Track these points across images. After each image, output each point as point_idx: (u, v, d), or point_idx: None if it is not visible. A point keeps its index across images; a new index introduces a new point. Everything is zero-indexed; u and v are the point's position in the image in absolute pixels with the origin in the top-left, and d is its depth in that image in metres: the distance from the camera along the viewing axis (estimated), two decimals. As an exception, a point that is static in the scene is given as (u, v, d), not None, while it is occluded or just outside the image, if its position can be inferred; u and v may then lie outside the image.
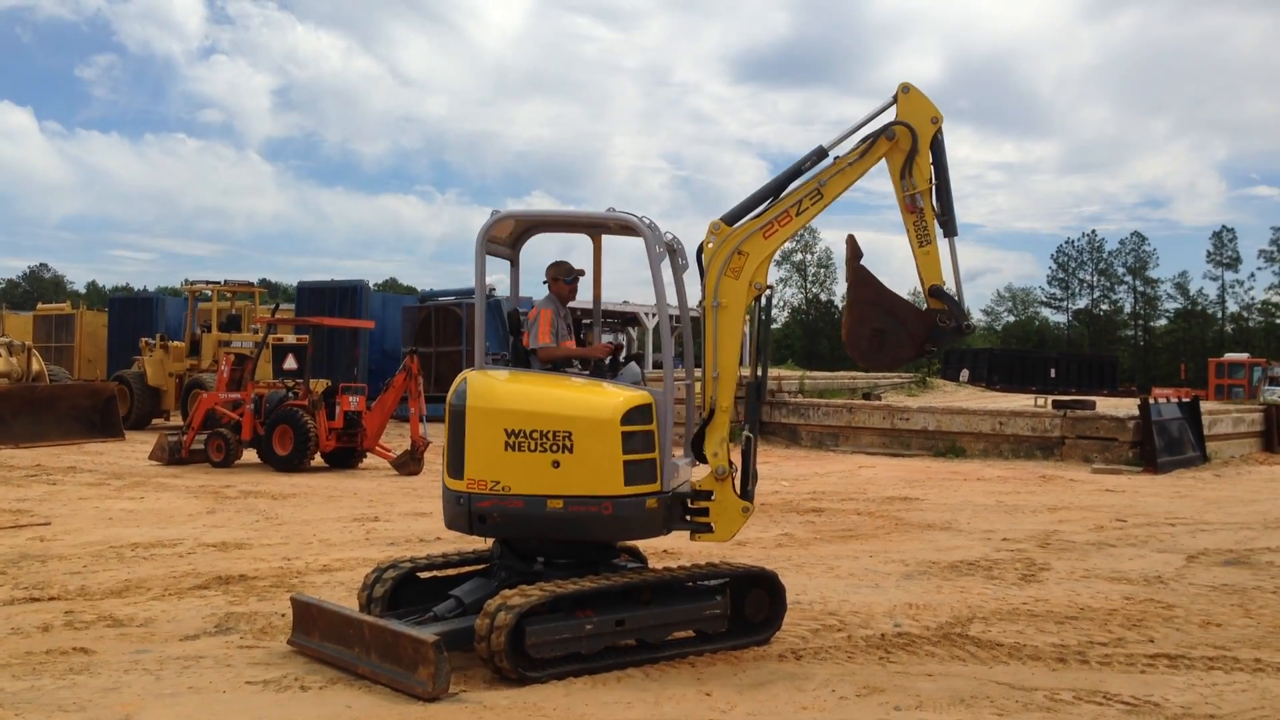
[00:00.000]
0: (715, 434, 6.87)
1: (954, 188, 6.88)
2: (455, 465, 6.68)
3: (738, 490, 6.92)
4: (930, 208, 6.72)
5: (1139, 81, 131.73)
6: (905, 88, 6.76)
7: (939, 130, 6.77)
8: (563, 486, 6.47)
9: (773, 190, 6.88)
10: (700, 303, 7.00)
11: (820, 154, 6.85)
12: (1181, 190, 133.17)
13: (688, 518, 6.87)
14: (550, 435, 6.48)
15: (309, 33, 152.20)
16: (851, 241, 7.01)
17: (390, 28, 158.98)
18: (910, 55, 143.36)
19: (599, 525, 6.53)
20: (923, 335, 6.84)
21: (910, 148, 6.71)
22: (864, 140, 6.82)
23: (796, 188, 6.87)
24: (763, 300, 6.99)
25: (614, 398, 6.64)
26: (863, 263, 7.00)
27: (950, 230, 6.79)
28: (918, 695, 6.05)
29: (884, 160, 6.83)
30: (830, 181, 6.82)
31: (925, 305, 6.91)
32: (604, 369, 7.33)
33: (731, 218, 6.88)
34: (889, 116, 6.82)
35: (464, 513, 6.62)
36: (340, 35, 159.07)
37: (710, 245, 6.87)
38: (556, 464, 6.47)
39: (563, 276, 7.56)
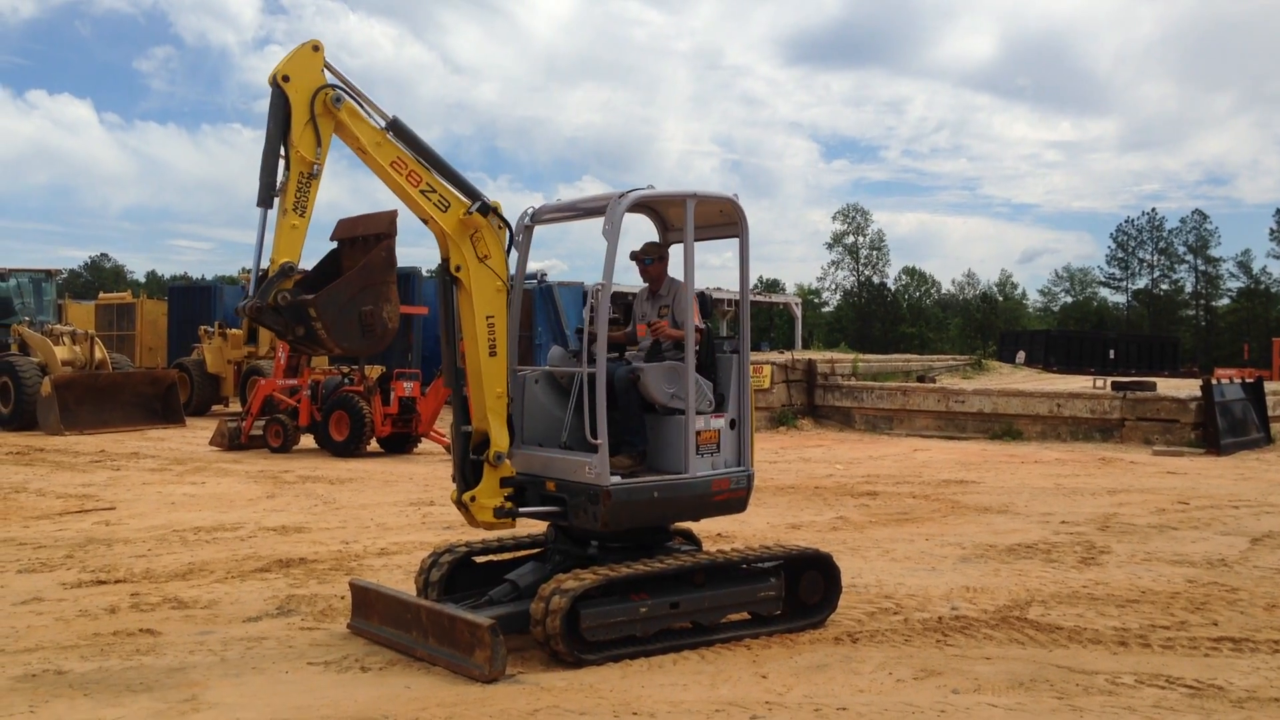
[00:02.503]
0: None
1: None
2: None
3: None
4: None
5: (1201, 56, 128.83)
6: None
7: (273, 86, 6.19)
8: None
9: None
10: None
11: None
12: (1244, 167, 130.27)
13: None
14: None
15: (361, 21, 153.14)
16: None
17: (441, 15, 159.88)
18: (965, 33, 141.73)
19: None
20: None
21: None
22: None
23: None
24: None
25: None
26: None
27: (258, 199, 6.18)
28: (976, 678, 6.01)
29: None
30: None
31: None
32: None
33: None
34: None
35: None
36: (392, 24, 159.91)
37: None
38: None
39: (638, 257, 7.58)
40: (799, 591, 7.07)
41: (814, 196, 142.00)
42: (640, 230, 7.91)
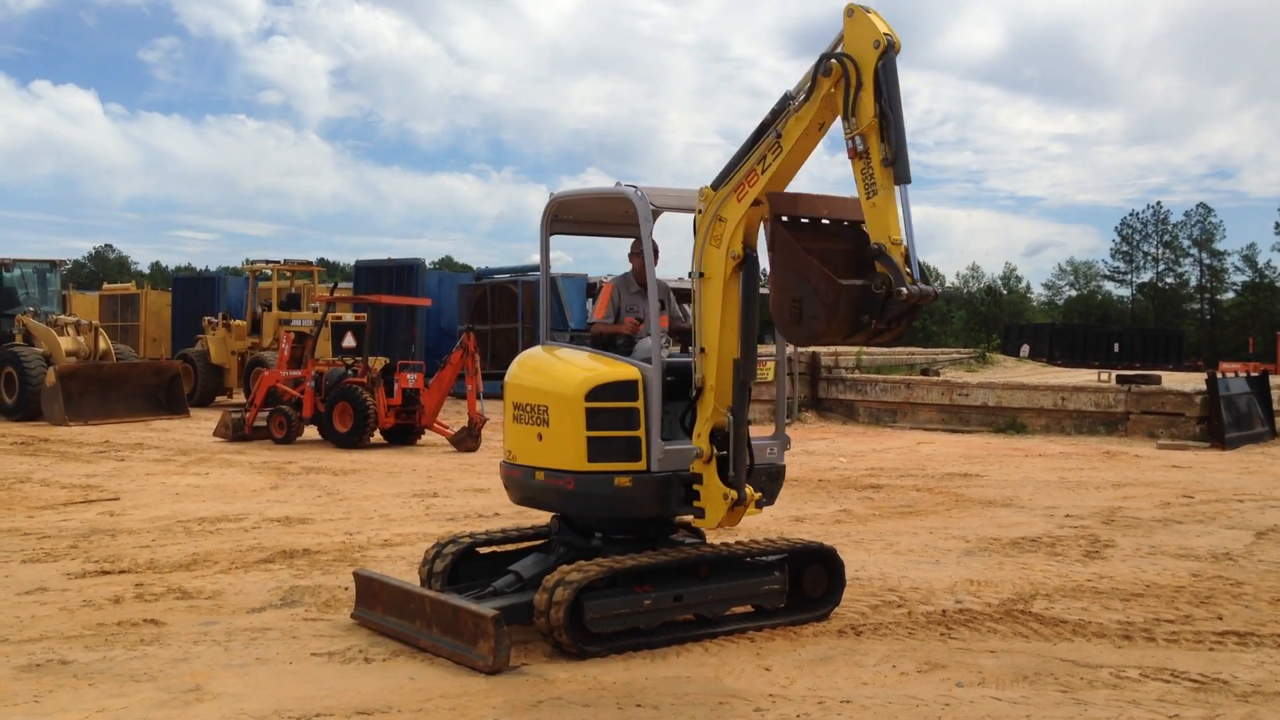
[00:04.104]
0: (700, 414, 6.32)
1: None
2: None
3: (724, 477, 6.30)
4: (877, 151, 5.57)
5: (1207, 49, 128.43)
6: (850, 10, 5.77)
7: (885, 56, 5.65)
8: (543, 459, 6.70)
9: (748, 147, 6.13)
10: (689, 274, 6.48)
11: (785, 101, 5.98)
12: (1250, 160, 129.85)
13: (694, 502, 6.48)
14: (534, 409, 6.77)
15: (366, 13, 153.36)
16: (770, 198, 6.00)
17: (446, 7, 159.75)
18: (971, 25, 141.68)
19: (566, 500, 6.70)
20: (844, 306, 5.56)
21: (853, 82, 5.64)
22: (807, 78, 5.89)
23: (761, 141, 6.06)
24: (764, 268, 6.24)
25: (588, 374, 6.65)
26: (793, 220, 5.88)
27: (901, 176, 5.58)
28: (980, 671, 6.00)
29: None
30: (786, 130, 5.94)
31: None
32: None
33: (717, 181, 6.24)
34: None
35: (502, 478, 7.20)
36: (397, 15, 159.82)
37: (699, 213, 6.29)
38: (540, 437, 6.72)
39: (633, 251, 7.58)
40: (803, 585, 7.06)
41: (819, 189, 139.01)
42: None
